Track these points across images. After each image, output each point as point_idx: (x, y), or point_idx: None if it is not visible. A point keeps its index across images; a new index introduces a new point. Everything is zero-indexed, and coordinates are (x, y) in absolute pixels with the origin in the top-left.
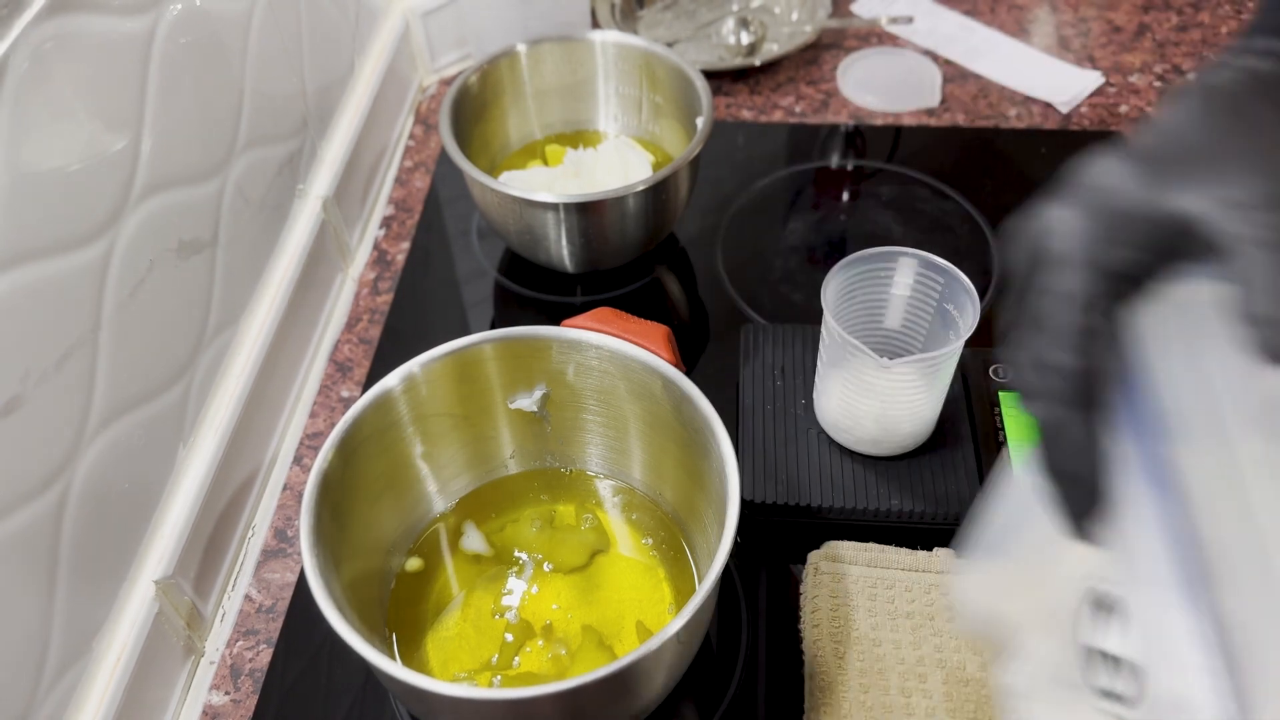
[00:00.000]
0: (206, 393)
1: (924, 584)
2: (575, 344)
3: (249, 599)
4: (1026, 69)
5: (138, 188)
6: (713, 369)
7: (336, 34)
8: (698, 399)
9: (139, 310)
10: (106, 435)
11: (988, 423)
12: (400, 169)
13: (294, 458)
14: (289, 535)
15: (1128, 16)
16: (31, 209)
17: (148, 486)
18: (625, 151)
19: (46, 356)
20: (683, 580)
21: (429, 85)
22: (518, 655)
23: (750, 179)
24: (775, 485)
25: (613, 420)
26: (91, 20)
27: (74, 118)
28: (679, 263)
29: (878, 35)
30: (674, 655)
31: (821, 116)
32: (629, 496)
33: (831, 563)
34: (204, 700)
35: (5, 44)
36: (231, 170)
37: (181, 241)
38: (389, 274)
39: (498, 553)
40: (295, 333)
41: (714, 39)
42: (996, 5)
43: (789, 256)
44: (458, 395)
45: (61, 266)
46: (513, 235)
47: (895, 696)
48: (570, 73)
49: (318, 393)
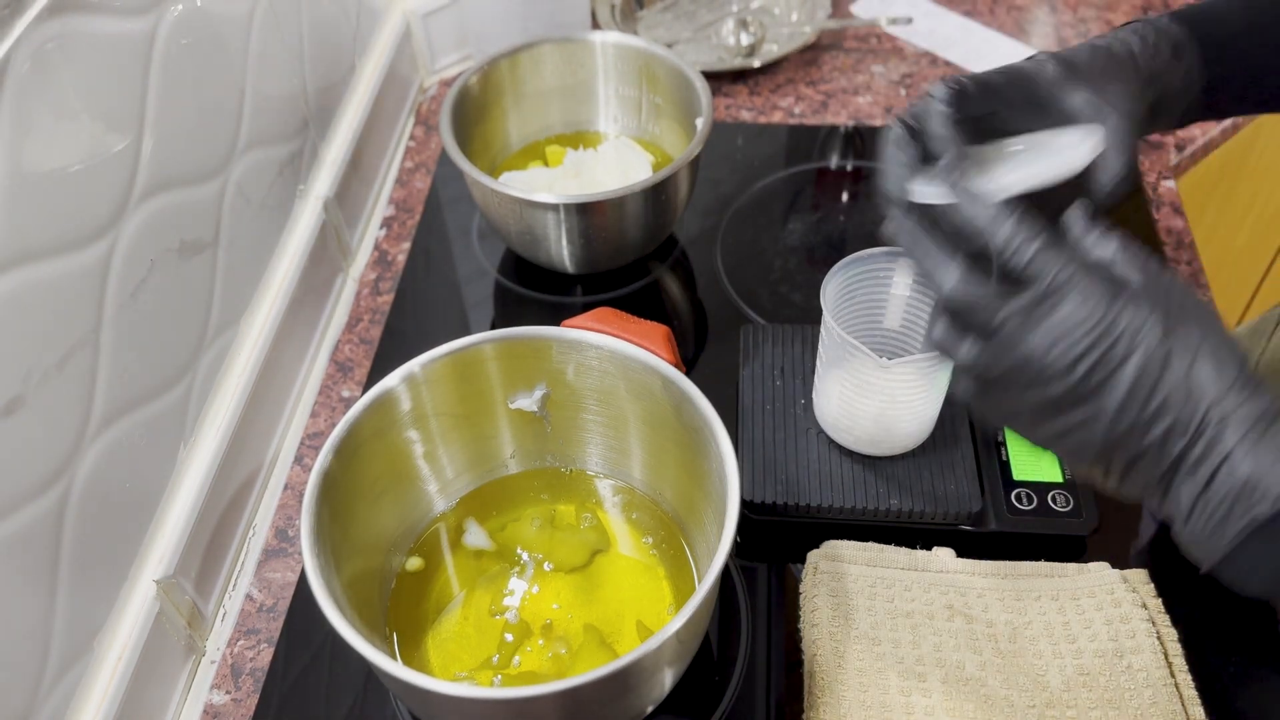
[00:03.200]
0: (207, 392)
1: (924, 583)
2: (575, 344)
3: (250, 598)
4: None
5: (139, 188)
6: (713, 369)
7: (337, 35)
8: (697, 399)
9: (140, 310)
10: (108, 435)
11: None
12: (401, 170)
13: (295, 457)
14: (290, 535)
15: (1127, 17)
16: (33, 209)
17: (149, 486)
18: (625, 152)
19: (48, 356)
20: (683, 580)
21: (430, 86)
22: (518, 654)
23: (750, 179)
24: (775, 485)
25: (613, 420)
26: (93, 21)
27: (75, 118)
28: (679, 263)
29: (877, 36)
30: (674, 654)
31: (821, 117)
32: (629, 496)
33: (831, 562)
34: (205, 699)
35: (6, 44)
36: (233, 171)
37: (183, 242)
38: (390, 274)
39: (499, 550)
40: (296, 333)
41: (714, 40)
42: (996, 6)
43: (789, 257)
44: (458, 395)
45: (63, 267)
46: (513, 236)
47: (895, 696)
48: (570, 73)
49: (318, 393)
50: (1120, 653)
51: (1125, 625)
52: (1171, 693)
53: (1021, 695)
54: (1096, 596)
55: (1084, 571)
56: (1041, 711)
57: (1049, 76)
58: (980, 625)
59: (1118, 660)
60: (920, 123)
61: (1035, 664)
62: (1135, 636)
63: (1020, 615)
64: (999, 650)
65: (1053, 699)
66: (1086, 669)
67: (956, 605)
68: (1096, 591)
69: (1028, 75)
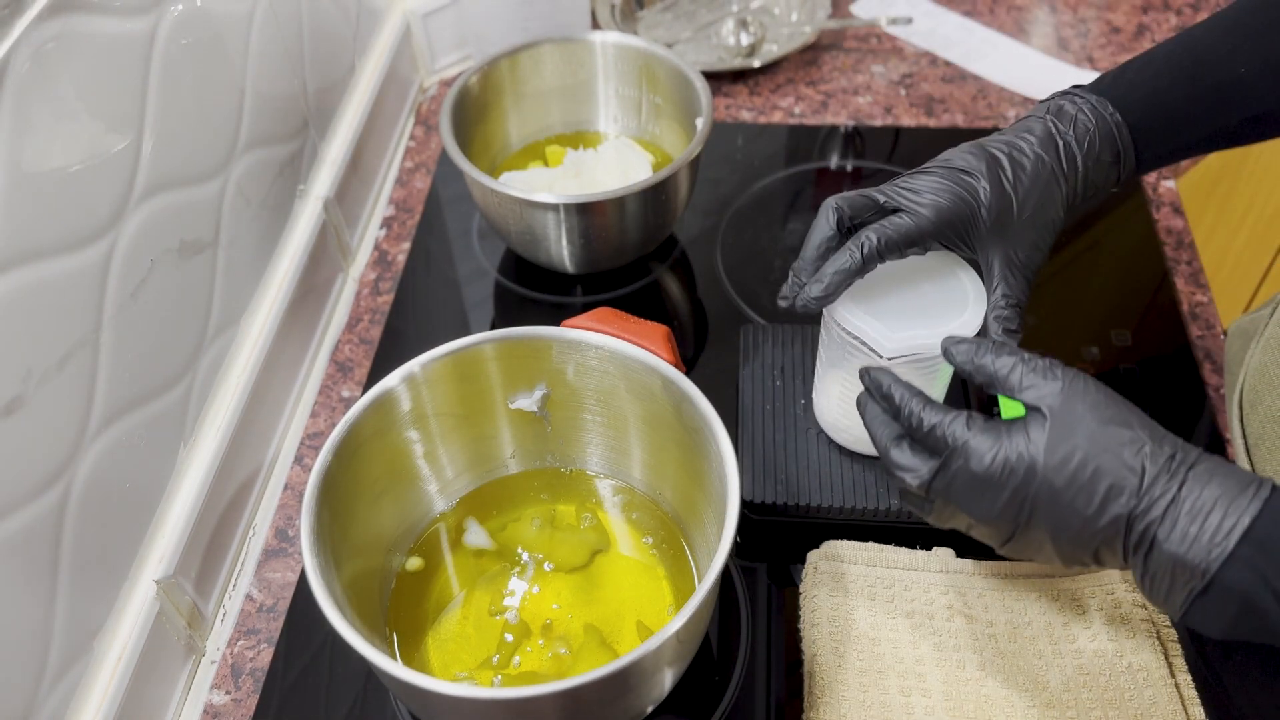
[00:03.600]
0: (207, 393)
1: (923, 583)
2: (575, 344)
3: (250, 598)
4: (1025, 70)
5: (139, 188)
6: (713, 369)
7: (337, 35)
8: (697, 399)
9: (140, 310)
10: (108, 435)
11: None
12: (401, 170)
13: (295, 457)
14: (290, 535)
15: (1126, 17)
16: (33, 209)
17: (149, 486)
18: (625, 152)
19: (48, 356)
20: (683, 580)
21: (430, 86)
22: (518, 655)
23: (750, 180)
24: (775, 485)
25: (613, 420)
26: (93, 21)
27: (75, 118)
28: (679, 263)
29: (877, 36)
30: (674, 654)
31: (821, 117)
32: (629, 496)
33: (831, 562)
34: (205, 699)
35: (6, 44)
36: (233, 171)
37: (183, 242)
38: (390, 274)
39: (499, 549)
40: (296, 333)
41: (714, 40)
42: (995, 6)
43: (789, 257)
44: (458, 395)
45: (63, 267)
46: (513, 236)
47: (895, 696)
48: (570, 74)
49: (318, 393)
50: (1120, 653)
51: (1125, 625)
52: (1171, 693)
53: (1021, 695)
54: (1097, 596)
55: (1084, 572)
56: (1041, 711)
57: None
58: (980, 625)
59: (1118, 660)
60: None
61: (1035, 664)
62: (1135, 636)
63: (1020, 615)
64: (999, 650)
65: (1053, 699)
66: (1086, 669)
67: (956, 605)
68: (1096, 591)
69: (921, 231)
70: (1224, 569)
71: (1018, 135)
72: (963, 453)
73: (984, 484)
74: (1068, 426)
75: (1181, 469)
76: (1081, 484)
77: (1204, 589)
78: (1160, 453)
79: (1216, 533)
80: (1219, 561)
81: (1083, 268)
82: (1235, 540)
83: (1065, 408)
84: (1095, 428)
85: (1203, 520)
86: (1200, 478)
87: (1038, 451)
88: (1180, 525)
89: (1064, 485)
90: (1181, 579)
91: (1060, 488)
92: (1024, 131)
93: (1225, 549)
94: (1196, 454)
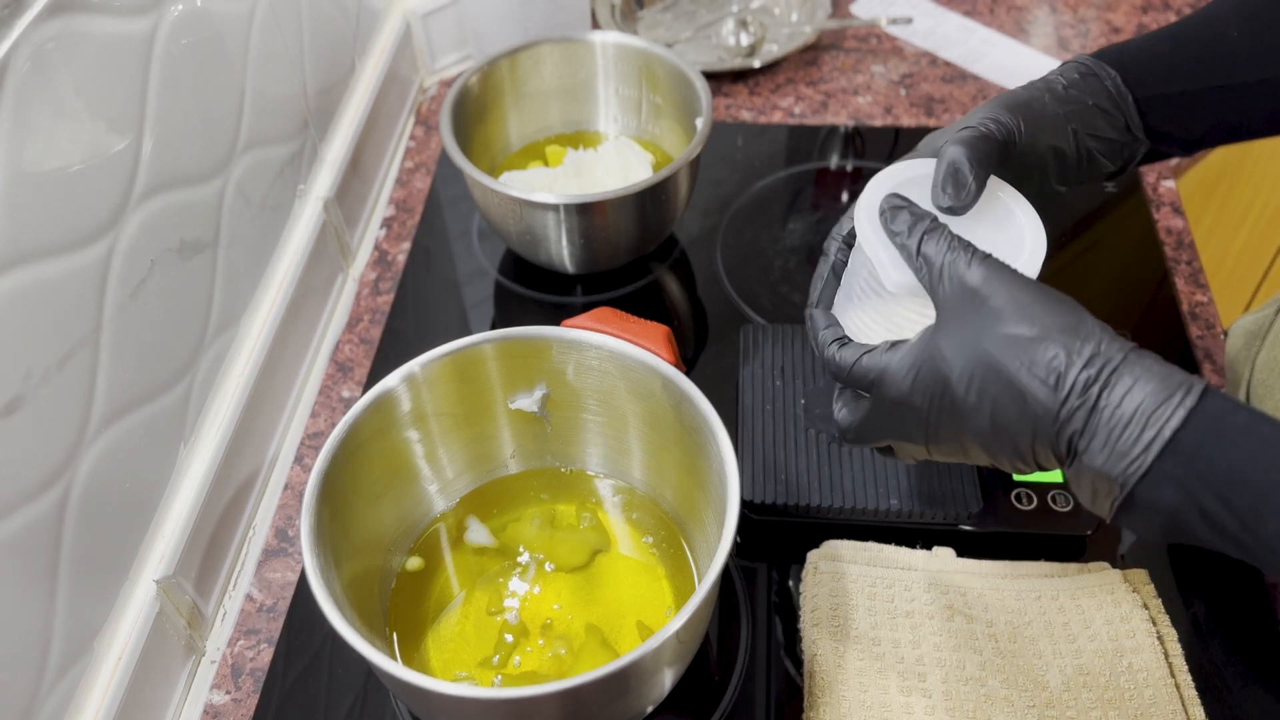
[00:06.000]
0: (207, 392)
1: (924, 583)
2: (575, 344)
3: (250, 598)
4: (1026, 70)
5: (139, 188)
6: (712, 369)
7: (337, 35)
8: (697, 399)
9: (140, 310)
10: (108, 435)
11: None
12: (401, 170)
13: (295, 457)
14: (290, 535)
15: (1126, 17)
16: (33, 209)
17: (149, 486)
18: (625, 152)
19: (48, 356)
20: (683, 580)
21: (430, 86)
22: (518, 654)
23: (750, 180)
24: (775, 485)
25: (613, 420)
26: (93, 21)
27: (75, 118)
28: (679, 263)
29: (877, 36)
30: (674, 654)
31: (821, 117)
32: (629, 496)
33: (831, 562)
34: (205, 699)
35: (6, 44)
36: (233, 171)
37: (183, 242)
38: (390, 274)
39: (499, 549)
40: (296, 333)
41: (713, 40)
42: (996, 6)
43: (789, 257)
44: (458, 395)
45: (63, 267)
46: (513, 236)
47: (895, 696)
48: (570, 73)
49: (318, 393)
50: (1120, 653)
51: (1125, 625)
52: (1171, 693)
53: (1021, 695)
54: (1096, 596)
55: (1084, 571)
56: (1041, 711)
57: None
58: (980, 625)
59: (1118, 660)
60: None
61: (1035, 664)
62: (1135, 636)
63: (1020, 615)
64: (999, 650)
65: (1053, 699)
66: (1086, 669)
67: (956, 605)
68: (1096, 591)
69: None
70: (1143, 484)
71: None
72: (879, 381)
73: (899, 408)
74: (965, 341)
75: (1105, 371)
76: (990, 401)
77: (1125, 502)
78: (1079, 355)
79: (1135, 444)
80: (1135, 477)
81: (1083, 268)
82: (1155, 453)
83: (963, 316)
84: (999, 337)
85: (1121, 430)
86: (1123, 381)
87: (949, 369)
88: (1099, 436)
89: (973, 407)
90: (1103, 491)
91: (970, 408)
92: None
93: (1143, 464)
94: (1122, 353)
